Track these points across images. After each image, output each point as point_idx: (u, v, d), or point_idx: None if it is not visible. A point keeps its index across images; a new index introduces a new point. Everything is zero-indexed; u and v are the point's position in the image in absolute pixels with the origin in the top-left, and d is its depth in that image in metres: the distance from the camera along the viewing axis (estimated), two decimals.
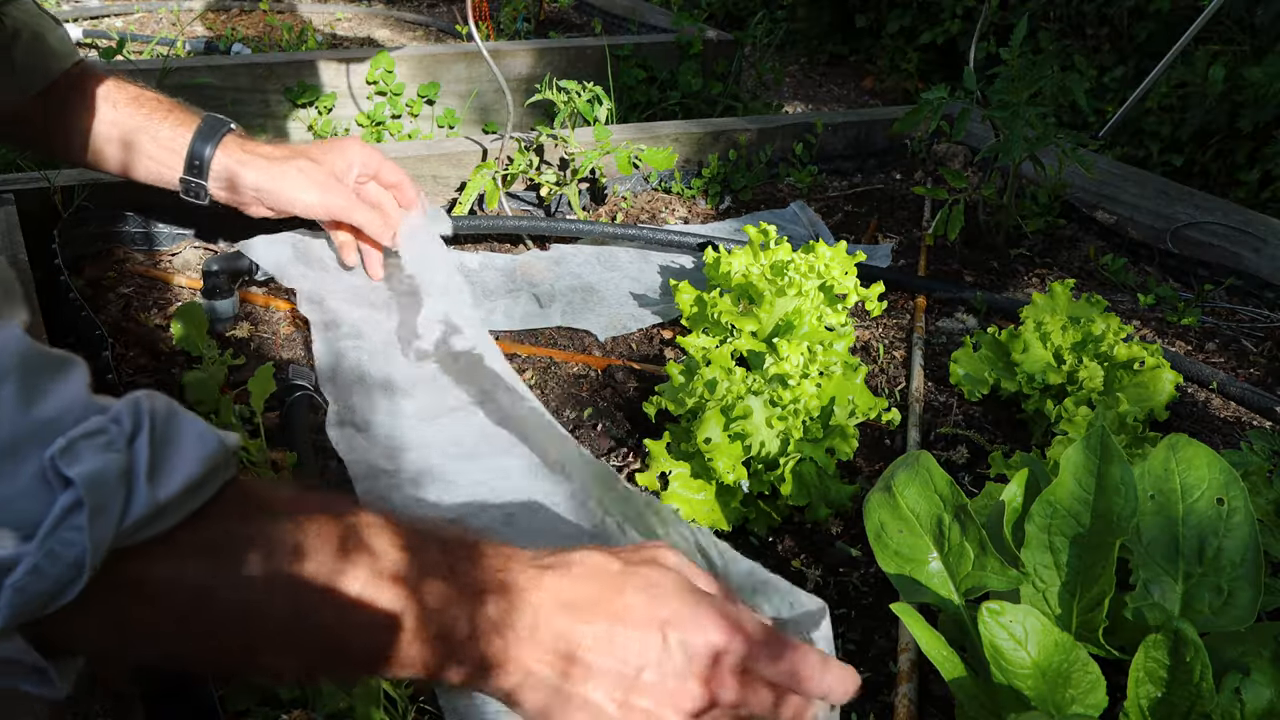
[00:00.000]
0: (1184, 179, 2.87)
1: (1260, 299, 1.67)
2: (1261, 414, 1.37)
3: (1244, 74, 2.84)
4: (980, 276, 1.71)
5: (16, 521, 0.55)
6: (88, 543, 0.56)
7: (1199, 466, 0.88)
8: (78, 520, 0.56)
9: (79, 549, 0.56)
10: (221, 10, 3.44)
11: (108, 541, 0.57)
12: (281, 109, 2.33)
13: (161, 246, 1.53)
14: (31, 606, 0.56)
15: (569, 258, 1.63)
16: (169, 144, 1.30)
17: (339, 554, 0.65)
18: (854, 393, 1.16)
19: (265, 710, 0.83)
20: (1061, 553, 0.85)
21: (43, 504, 0.56)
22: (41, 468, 0.56)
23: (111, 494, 0.57)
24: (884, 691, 0.93)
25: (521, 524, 1.05)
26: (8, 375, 0.57)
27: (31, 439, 0.57)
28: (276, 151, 1.34)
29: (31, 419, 0.57)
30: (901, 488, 0.90)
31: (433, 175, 1.76)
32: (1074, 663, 0.78)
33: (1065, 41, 3.50)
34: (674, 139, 1.95)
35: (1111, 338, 1.29)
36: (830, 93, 4.25)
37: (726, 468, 1.08)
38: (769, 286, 1.30)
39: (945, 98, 1.67)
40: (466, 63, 2.48)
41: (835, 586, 1.05)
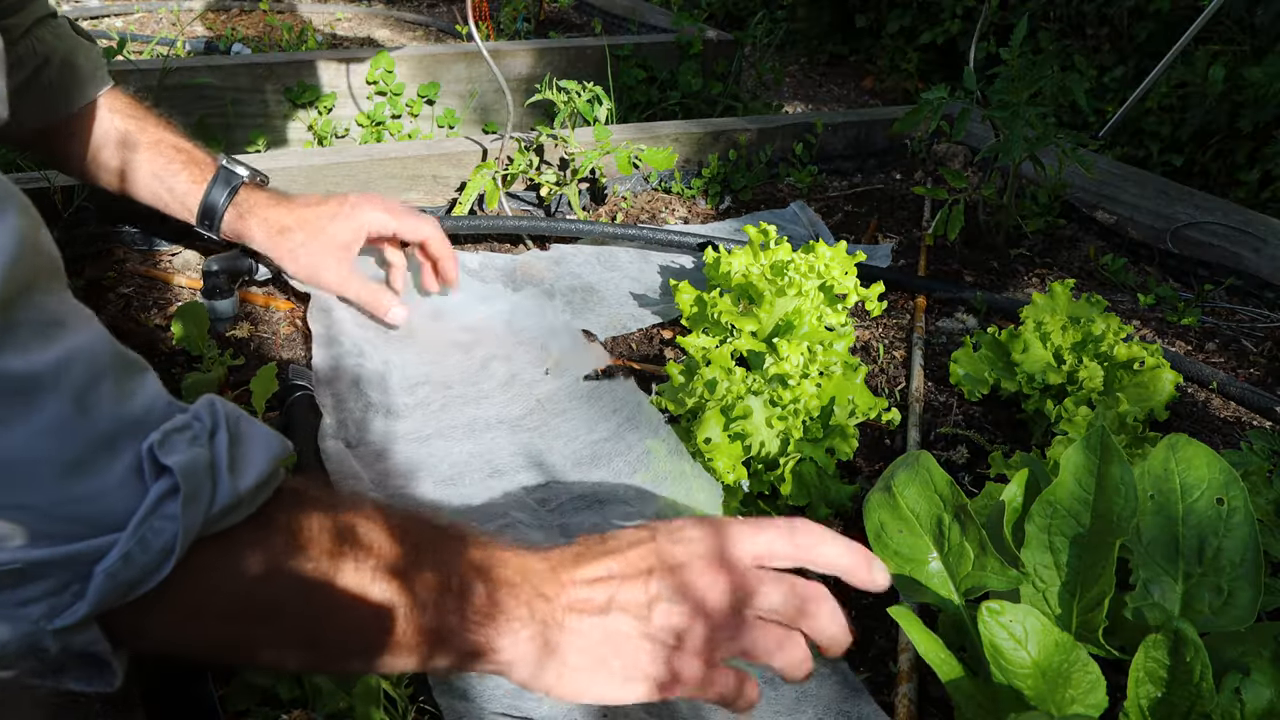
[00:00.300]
0: (1184, 179, 2.87)
1: (1260, 299, 1.67)
2: (1261, 414, 1.37)
3: (1244, 74, 2.84)
4: (980, 276, 1.71)
5: (109, 511, 0.59)
6: (180, 529, 0.60)
7: (1199, 466, 0.88)
8: (169, 509, 0.60)
9: (169, 535, 0.60)
10: (221, 10, 3.44)
11: (195, 529, 0.61)
12: (281, 109, 2.32)
13: (161, 246, 1.53)
14: (118, 593, 0.59)
15: (569, 258, 1.63)
16: (182, 198, 1.33)
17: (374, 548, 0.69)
18: (854, 393, 1.16)
19: (265, 710, 0.83)
20: (1061, 553, 0.85)
21: (134, 495, 0.60)
22: (134, 461, 0.60)
23: (201, 483, 0.61)
24: (884, 691, 0.93)
25: None
26: (105, 373, 0.60)
27: (126, 433, 0.60)
28: (283, 216, 1.32)
29: (126, 415, 0.61)
30: (901, 488, 0.90)
31: (433, 175, 1.77)
32: (1074, 663, 0.78)
33: (1065, 41, 3.50)
34: (674, 139, 1.95)
35: (1111, 338, 1.29)
36: (830, 93, 4.25)
37: (726, 468, 1.08)
38: (769, 286, 1.30)
39: (945, 98, 1.67)
40: (466, 63, 2.48)
41: (835, 586, 1.05)
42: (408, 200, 1.74)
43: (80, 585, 0.58)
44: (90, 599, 0.58)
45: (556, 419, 1.22)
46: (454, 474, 1.13)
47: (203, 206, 1.32)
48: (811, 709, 0.88)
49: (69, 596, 0.58)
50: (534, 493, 1.11)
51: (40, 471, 0.56)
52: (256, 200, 1.33)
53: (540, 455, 1.17)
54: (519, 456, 1.16)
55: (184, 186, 1.32)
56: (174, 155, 1.33)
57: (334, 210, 1.32)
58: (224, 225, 1.33)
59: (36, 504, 0.56)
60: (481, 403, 1.25)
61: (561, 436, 1.20)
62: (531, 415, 1.23)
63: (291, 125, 2.35)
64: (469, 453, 1.16)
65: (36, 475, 0.56)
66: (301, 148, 2.33)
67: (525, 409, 1.24)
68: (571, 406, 1.24)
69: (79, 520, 0.58)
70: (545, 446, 1.18)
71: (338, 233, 1.31)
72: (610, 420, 1.21)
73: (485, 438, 1.19)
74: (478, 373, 1.30)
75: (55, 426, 0.56)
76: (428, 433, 1.18)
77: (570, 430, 1.21)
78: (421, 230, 1.36)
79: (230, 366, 1.26)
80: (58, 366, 0.57)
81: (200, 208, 1.32)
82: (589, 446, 1.18)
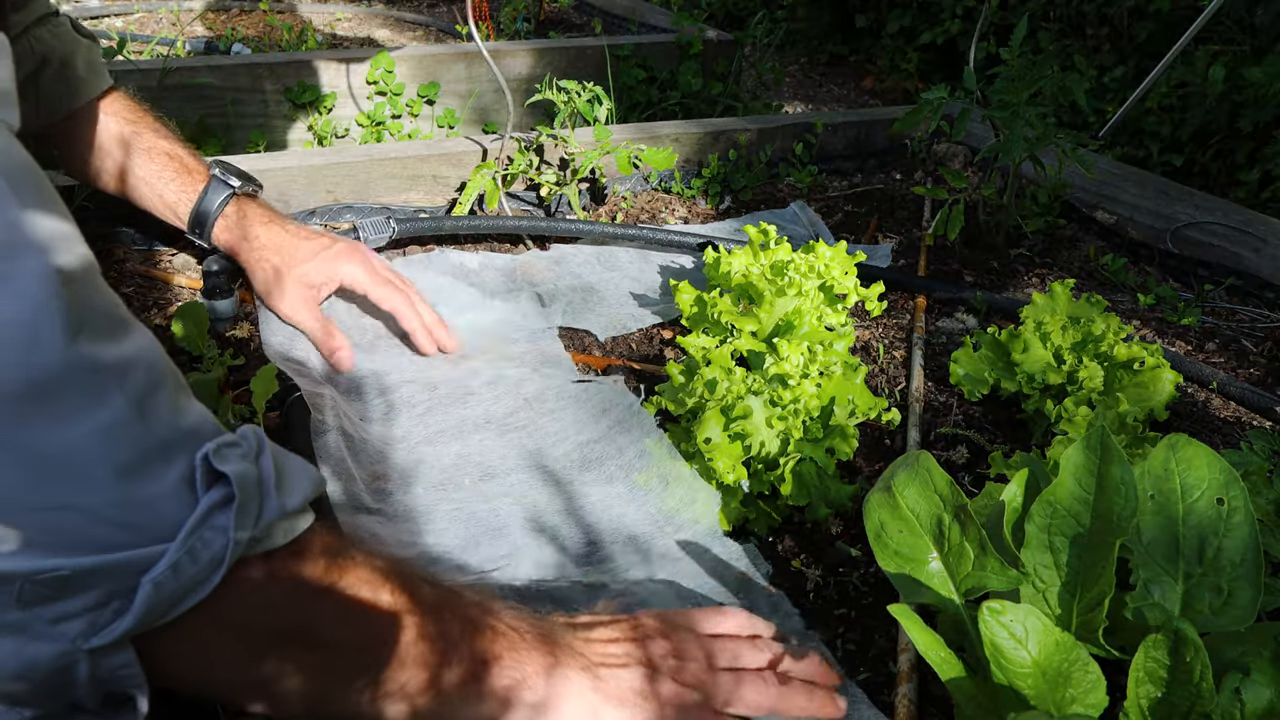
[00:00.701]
0: (1184, 179, 2.87)
1: (1260, 299, 1.67)
2: (1261, 414, 1.37)
3: (1244, 74, 2.84)
4: (980, 276, 1.71)
5: (159, 520, 0.58)
6: (230, 540, 0.60)
7: (1199, 466, 0.88)
8: (219, 520, 0.60)
9: (218, 547, 0.59)
10: (221, 10, 3.44)
11: (245, 541, 0.61)
12: (281, 109, 2.33)
13: (161, 246, 1.53)
14: (161, 608, 0.58)
15: (569, 258, 1.63)
16: (174, 206, 1.35)
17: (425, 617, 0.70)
18: (854, 393, 1.16)
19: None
20: (1061, 553, 0.85)
21: (184, 505, 0.59)
22: (186, 472, 0.60)
23: (252, 495, 0.62)
24: (884, 691, 0.93)
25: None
26: (163, 382, 0.61)
27: (181, 443, 0.61)
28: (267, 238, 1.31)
29: (181, 425, 0.61)
30: (901, 488, 0.90)
31: (433, 175, 1.76)
32: (1074, 662, 0.78)
33: (1065, 41, 3.50)
34: (674, 139, 1.94)
35: (1111, 338, 1.29)
36: (830, 93, 4.25)
37: (726, 468, 1.08)
38: (769, 286, 1.30)
39: (945, 98, 1.67)
40: (466, 63, 2.48)
41: (835, 586, 1.05)
42: (407, 200, 1.74)
43: (122, 601, 0.56)
44: (134, 612, 0.56)
45: (544, 419, 1.22)
46: (444, 479, 1.13)
47: (193, 216, 1.33)
48: None
49: (109, 613, 0.56)
50: (526, 499, 1.11)
51: (96, 471, 0.55)
52: (247, 214, 1.33)
53: (531, 457, 1.17)
54: (509, 459, 1.16)
55: (174, 195, 1.33)
56: (166, 163, 1.33)
57: (315, 249, 1.30)
58: (213, 235, 1.34)
59: (87, 505, 0.55)
60: (469, 400, 1.25)
61: (551, 437, 1.20)
62: (519, 414, 1.23)
63: (291, 125, 2.35)
64: (457, 454, 1.16)
65: (92, 474, 0.55)
66: (301, 148, 2.33)
67: (512, 407, 1.24)
68: (560, 407, 1.24)
69: (128, 526, 0.57)
70: (535, 447, 1.18)
71: (310, 272, 1.29)
72: (600, 422, 1.21)
73: (474, 439, 1.19)
74: (464, 374, 1.30)
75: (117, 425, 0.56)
76: (417, 439, 1.18)
77: (559, 430, 1.20)
78: (392, 300, 1.31)
79: (230, 366, 1.26)
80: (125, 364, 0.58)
81: (190, 217, 1.33)
82: (579, 449, 1.18)
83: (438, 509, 1.07)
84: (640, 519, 1.09)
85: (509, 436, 1.19)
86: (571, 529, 1.07)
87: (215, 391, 1.15)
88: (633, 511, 1.09)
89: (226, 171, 1.34)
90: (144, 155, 1.33)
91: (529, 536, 1.05)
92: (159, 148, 1.33)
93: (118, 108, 1.34)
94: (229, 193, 1.32)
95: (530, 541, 1.04)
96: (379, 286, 1.31)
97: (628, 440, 1.18)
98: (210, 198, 1.32)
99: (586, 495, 1.11)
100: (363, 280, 1.30)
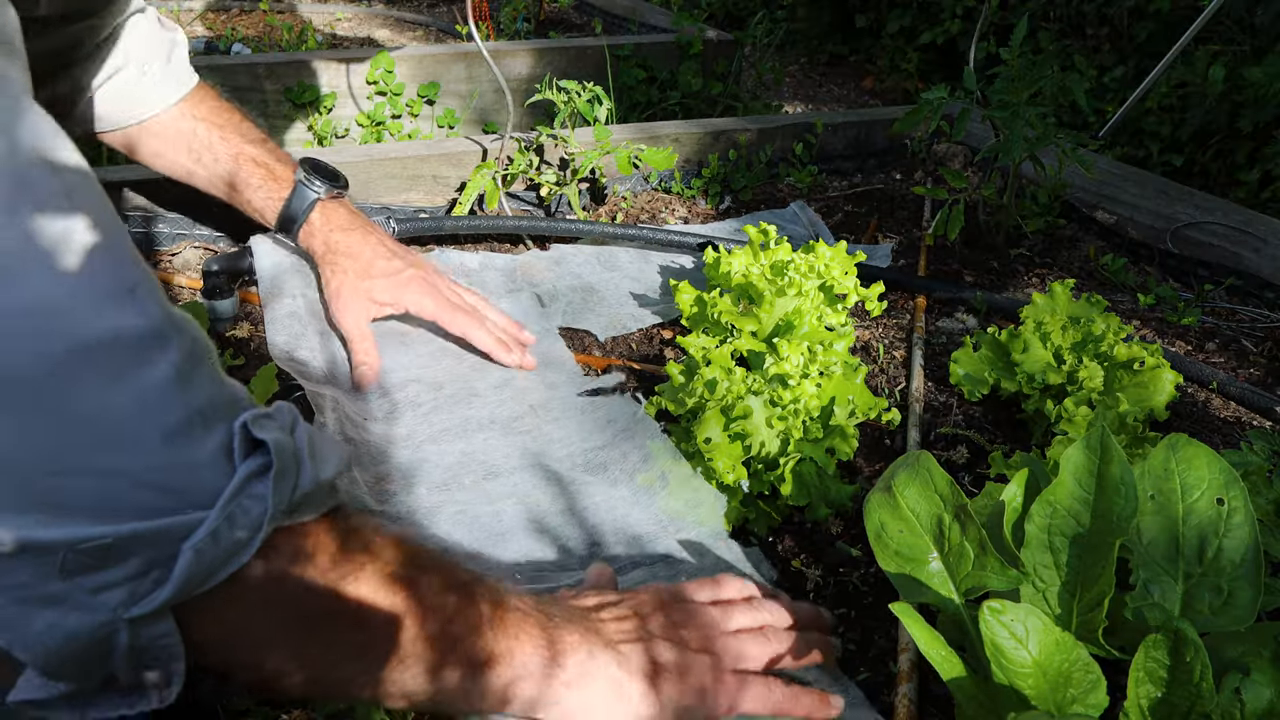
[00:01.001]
0: (1184, 179, 2.87)
1: (1260, 299, 1.67)
2: (1261, 414, 1.37)
3: (1244, 74, 2.84)
4: (980, 276, 1.71)
5: (198, 486, 0.59)
6: (268, 507, 0.60)
7: (1199, 466, 0.88)
8: (257, 489, 0.61)
9: (257, 513, 0.60)
10: (221, 10, 3.44)
11: (283, 509, 0.62)
12: (281, 109, 2.33)
13: (161, 246, 1.53)
14: (201, 574, 0.59)
15: (569, 258, 1.63)
16: (260, 211, 1.36)
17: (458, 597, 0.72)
18: (854, 393, 1.16)
19: (265, 710, 0.83)
20: (1061, 553, 0.85)
21: (223, 473, 0.60)
22: (225, 440, 0.61)
23: (289, 463, 0.63)
24: (884, 691, 0.93)
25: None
26: (204, 354, 0.62)
27: (221, 411, 0.62)
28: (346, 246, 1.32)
29: (221, 394, 0.63)
30: (902, 488, 0.90)
31: (433, 175, 1.77)
32: (1075, 662, 0.78)
33: (1065, 41, 3.50)
34: (674, 139, 1.95)
35: (1111, 338, 1.29)
36: (830, 93, 4.25)
37: (726, 468, 1.08)
38: (769, 286, 1.30)
39: (945, 98, 1.67)
40: (466, 63, 2.48)
41: (835, 586, 1.05)
42: (407, 200, 1.74)
43: (162, 570, 0.57)
44: (174, 580, 0.57)
45: (550, 425, 1.22)
46: (447, 479, 1.13)
47: (279, 222, 1.34)
48: None
49: (149, 582, 0.57)
50: (529, 499, 1.11)
51: (142, 433, 0.56)
52: (330, 219, 1.33)
53: (534, 459, 1.17)
54: (512, 459, 1.16)
55: (261, 201, 1.35)
56: (253, 170, 1.35)
57: (389, 270, 1.31)
58: (298, 241, 1.35)
59: (132, 469, 0.56)
60: (474, 401, 1.24)
61: (555, 442, 1.20)
62: (524, 419, 1.23)
63: (291, 125, 2.36)
64: (461, 452, 1.16)
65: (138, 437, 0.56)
66: (301, 148, 2.33)
67: (517, 412, 1.24)
68: (565, 416, 1.24)
69: (170, 491, 0.57)
70: (539, 450, 1.18)
71: (376, 289, 1.30)
72: (605, 431, 1.21)
73: (478, 438, 1.19)
74: (469, 373, 1.30)
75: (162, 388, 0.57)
76: (421, 438, 1.18)
77: (564, 436, 1.20)
78: (461, 325, 1.31)
79: (230, 366, 1.26)
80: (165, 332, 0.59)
81: (277, 223, 1.35)
82: (584, 454, 1.18)
83: (441, 510, 1.07)
84: (643, 519, 1.08)
85: (513, 439, 1.19)
86: (574, 530, 1.07)
87: None
88: (636, 513, 1.09)
89: (311, 175, 1.34)
90: (231, 161, 1.35)
91: (532, 538, 1.05)
92: (245, 154, 1.35)
93: (204, 111, 1.36)
94: (313, 199, 1.33)
95: (533, 544, 1.04)
96: (446, 312, 1.31)
97: (631, 445, 1.18)
98: (295, 205, 1.33)
99: (590, 497, 1.11)
100: (429, 309, 1.31)
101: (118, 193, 1.50)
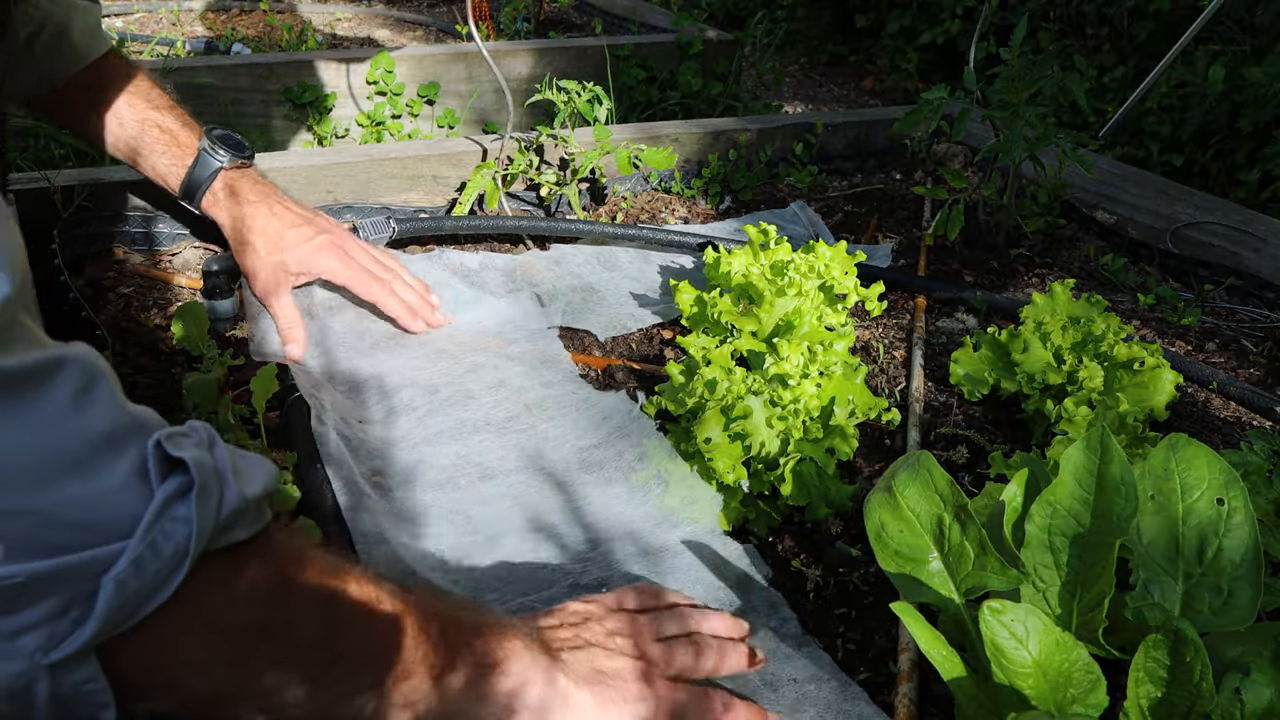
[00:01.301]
0: (1184, 179, 2.87)
1: (1260, 299, 1.67)
2: (1261, 414, 1.37)
3: (1244, 74, 2.84)
4: (980, 276, 1.71)
5: (114, 516, 0.56)
6: (193, 530, 0.57)
7: (1199, 466, 0.88)
8: (179, 510, 0.57)
9: (181, 537, 0.56)
10: (221, 10, 3.44)
11: (208, 531, 0.58)
12: (281, 109, 2.33)
13: (161, 246, 1.53)
14: (126, 608, 0.55)
15: (569, 258, 1.63)
16: (164, 177, 1.38)
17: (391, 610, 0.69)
18: (854, 393, 1.16)
19: None
20: (1061, 553, 0.85)
21: (139, 498, 0.56)
22: (138, 462, 0.57)
23: (211, 481, 0.59)
24: (884, 691, 0.93)
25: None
26: (101, 378, 0.58)
27: (128, 433, 0.58)
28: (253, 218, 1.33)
29: (126, 415, 0.59)
30: (902, 488, 0.90)
31: (433, 175, 1.77)
32: (1075, 662, 0.78)
33: (1065, 41, 3.50)
34: (674, 139, 1.95)
35: (1111, 338, 1.29)
36: (830, 93, 4.26)
37: (726, 468, 1.08)
38: (769, 286, 1.30)
39: (945, 98, 1.67)
40: (466, 63, 2.48)
41: (835, 586, 1.05)
42: (407, 200, 1.75)
43: (82, 609, 0.54)
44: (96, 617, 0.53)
45: (544, 424, 1.22)
46: (444, 479, 1.13)
47: (182, 189, 1.36)
48: (812, 709, 0.89)
49: (68, 622, 0.53)
50: (525, 499, 1.11)
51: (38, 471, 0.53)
52: (235, 190, 1.35)
53: (530, 459, 1.17)
54: (508, 460, 1.16)
55: (165, 167, 1.36)
56: (159, 135, 1.36)
57: (298, 239, 1.33)
58: (202, 206, 1.37)
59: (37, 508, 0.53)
60: (469, 404, 1.25)
61: (551, 441, 1.20)
62: (519, 419, 1.23)
63: (291, 125, 2.36)
64: (456, 454, 1.16)
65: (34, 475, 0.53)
66: (301, 148, 2.33)
67: (513, 412, 1.24)
68: (560, 414, 1.24)
69: (83, 526, 0.54)
70: (534, 450, 1.18)
71: (289, 261, 1.33)
72: (601, 429, 1.21)
73: (473, 440, 1.19)
74: (464, 376, 1.30)
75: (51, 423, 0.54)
76: (416, 440, 1.18)
77: (559, 435, 1.21)
78: (370, 289, 1.35)
79: (230, 366, 1.26)
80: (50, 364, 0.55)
81: (180, 190, 1.37)
82: (579, 453, 1.18)
83: (435, 511, 1.08)
84: (639, 517, 1.09)
85: (508, 438, 1.19)
86: (570, 529, 1.07)
87: (215, 391, 1.15)
88: (631, 510, 1.09)
89: (215, 145, 1.35)
90: (138, 125, 1.36)
91: (527, 539, 1.05)
92: (151, 119, 1.36)
93: (113, 75, 1.36)
94: (216, 167, 1.35)
95: (528, 544, 1.04)
96: (358, 278, 1.34)
97: (627, 444, 1.18)
98: (198, 173, 1.35)
99: (586, 496, 1.11)
100: (339, 272, 1.34)
101: (118, 193, 1.50)
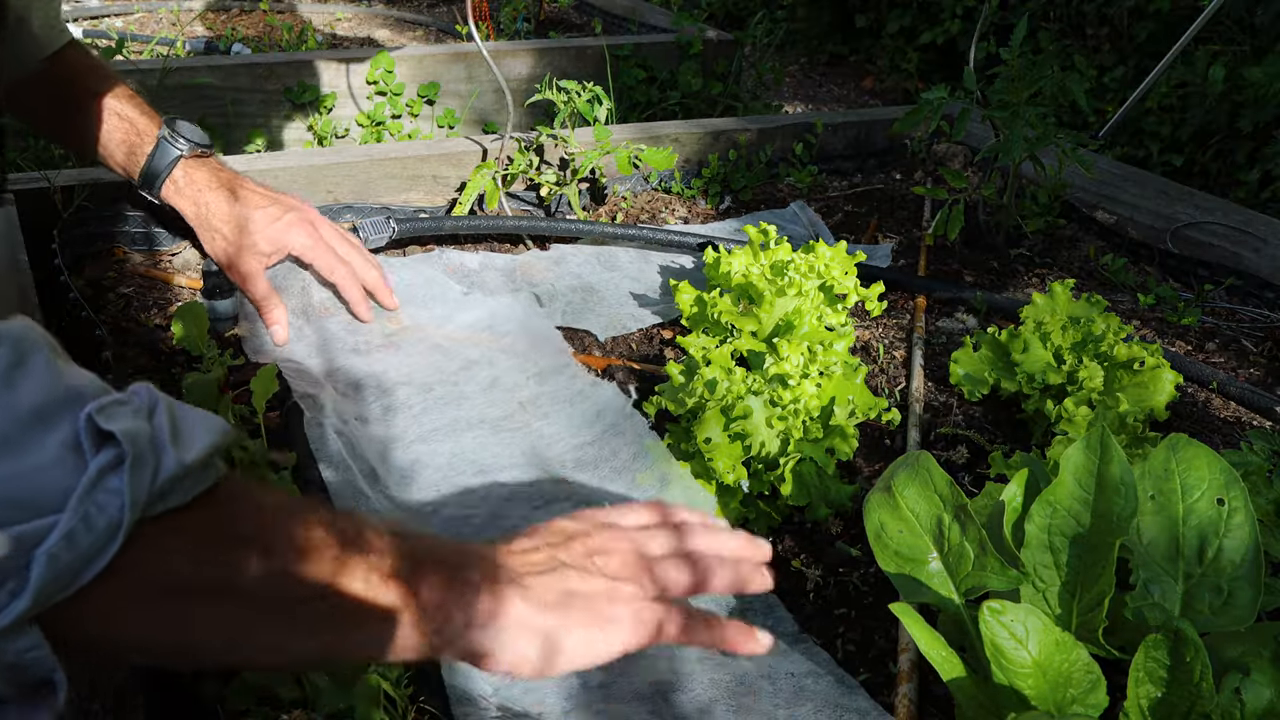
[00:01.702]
0: (1184, 179, 2.87)
1: (1260, 299, 1.67)
2: (1261, 414, 1.37)
3: (1244, 74, 2.84)
4: (980, 276, 1.71)
5: (45, 490, 0.56)
6: (126, 500, 0.56)
7: (1199, 466, 0.88)
8: (112, 483, 0.56)
9: (114, 510, 0.56)
10: (221, 10, 3.44)
11: (142, 501, 0.58)
12: (281, 109, 2.33)
13: (161, 246, 1.53)
14: (60, 581, 0.55)
15: (569, 258, 1.63)
16: (125, 167, 1.38)
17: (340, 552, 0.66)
18: (854, 393, 1.16)
19: (265, 710, 0.83)
20: (1061, 553, 0.85)
21: (72, 471, 0.56)
22: (71, 436, 0.57)
23: (145, 452, 0.58)
24: (884, 692, 0.93)
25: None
26: (38, 347, 0.58)
27: (61, 405, 0.58)
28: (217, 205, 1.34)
29: (60, 387, 0.58)
30: (901, 488, 0.90)
31: (433, 175, 1.77)
32: (1075, 662, 0.78)
33: (1065, 41, 3.50)
34: (674, 139, 1.95)
35: (1111, 338, 1.29)
36: (830, 93, 4.26)
37: (726, 468, 1.08)
38: (769, 286, 1.30)
39: (945, 98, 1.67)
40: (466, 63, 2.48)
41: (835, 586, 1.05)
42: (407, 200, 1.75)
43: (16, 581, 0.54)
44: (31, 589, 0.53)
45: (539, 422, 1.23)
46: (439, 478, 1.13)
47: (141, 179, 1.37)
48: (810, 703, 0.89)
49: (4, 595, 0.54)
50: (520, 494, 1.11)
51: None
52: (195, 178, 1.36)
53: (525, 458, 1.17)
54: (502, 458, 1.16)
55: (123, 157, 1.37)
56: (117, 124, 1.36)
57: (265, 221, 1.34)
58: (162, 195, 1.37)
59: None
60: (462, 403, 1.25)
61: (545, 438, 1.20)
62: (514, 417, 1.23)
63: (291, 125, 2.36)
64: (451, 453, 1.16)
65: None
66: (301, 148, 2.33)
67: (507, 410, 1.24)
68: (554, 411, 1.24)
69: (14, 503, 0.54)
70: (528, 447, 1.18)
71: (259, 242, 1.33)
72: (595, 426, 1.21)
73: (467, 438, 1.19)
74: (458, 374, 1.30)
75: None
76: (411, 438, 1.18)
77: (554, 433, 1.21)
78: (335, 272, 1.36)
79: (230, 366, 1.26)
80: None
81: (140, 178, 1.37)
82: (573, 450, 1.18)
83: (428, 508, 1.08)
84: None
85: (503, 436, 1.20)
86: None
87: (215, 391, 1.15)
88: None
89: (175, 134, 1.35)
90: (96, 117, 1.35)
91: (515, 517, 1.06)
92: (110, 108, 1.36)
93: (72, 68, 1.36)
94: (176, 155, 1.35)
95: None
96: (325, 258, 1.36)
97: (622, 443, 1.18)
98: (157, 161, 1.35)
99: (580, 494, 1.11)
100: (310, 252, 1.36)
101: (118, 193, 1.50)
